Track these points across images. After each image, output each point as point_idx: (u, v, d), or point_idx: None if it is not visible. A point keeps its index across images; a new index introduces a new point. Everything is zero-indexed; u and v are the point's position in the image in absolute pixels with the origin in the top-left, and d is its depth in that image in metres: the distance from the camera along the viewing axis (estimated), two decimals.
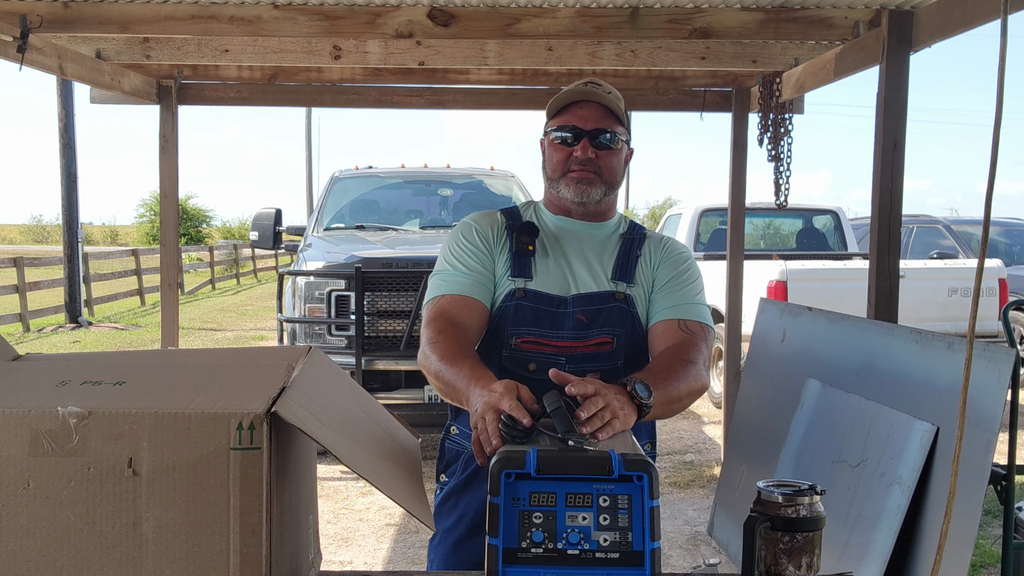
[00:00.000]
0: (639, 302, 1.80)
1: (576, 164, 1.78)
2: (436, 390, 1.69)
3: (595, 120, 1.77)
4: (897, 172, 3.35)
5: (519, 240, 1.80)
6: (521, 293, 1.76)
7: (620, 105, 1.80)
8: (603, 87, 1.80)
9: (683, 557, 4.12)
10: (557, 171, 1.81)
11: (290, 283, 5.88)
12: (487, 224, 1.86)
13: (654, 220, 28.21)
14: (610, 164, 1.80)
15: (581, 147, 1.77)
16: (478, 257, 1.80)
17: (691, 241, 8.55)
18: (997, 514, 3.78)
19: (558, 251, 1.82)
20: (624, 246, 1.85)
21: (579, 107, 1.78)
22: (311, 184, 26.67)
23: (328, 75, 4.93)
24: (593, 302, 1.76)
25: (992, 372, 1.30)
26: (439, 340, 1.67)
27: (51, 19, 3.48)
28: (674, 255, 1.87)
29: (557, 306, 1.76)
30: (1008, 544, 1.47)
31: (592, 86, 1.79)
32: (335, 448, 1.15)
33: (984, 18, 2.90)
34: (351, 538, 4.45)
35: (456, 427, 1.85)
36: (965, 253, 9.42)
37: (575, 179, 1.79)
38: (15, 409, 1.09)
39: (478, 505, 1.75)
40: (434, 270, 1.85)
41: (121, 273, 17.54)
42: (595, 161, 1.78)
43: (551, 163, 1.83)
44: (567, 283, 1.78)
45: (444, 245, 1.88)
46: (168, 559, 1.08)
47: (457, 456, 1.84)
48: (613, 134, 1.78)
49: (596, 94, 1.77)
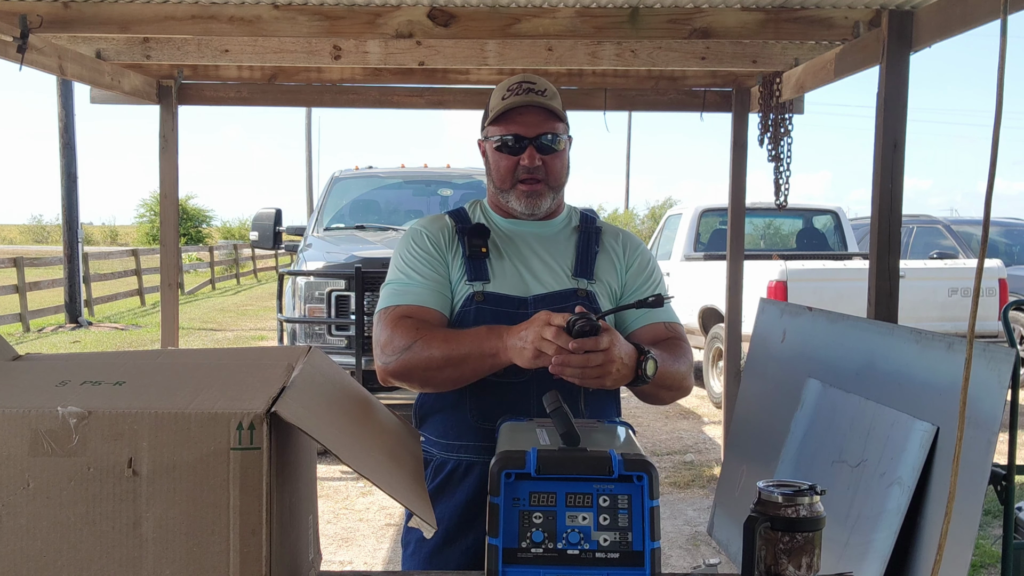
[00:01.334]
0: (601, 297, 1.79)
1: (524, 173, 1.77)
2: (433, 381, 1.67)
3: (537, 124, 1.76)
4: (897, 172, 3.35)
5: (471, 243, 1.78)
6: (480, 297, 1.74)
7: (560, 103, 1.79)
8: (538, 85, 1.78)
9: (683, 557, 4.12)
10: (506, 182, 1.80)
11: (290, 283, 5.88)
12: (437, 229, 1.83)
13: (654, 220, 28.19)
14: (555, 167, 1.79)
15: (528, 155, 1.76)
16: (432, 264, 1.78)
17: (691, 241, 8.55)
18: (997, 514, 3.78)
19: (513, 252, 1.81)
20: (581, 242, 1.84)
21: (519, 111, 1.76)
22: (311, 184, 26.72)
23: (328, 75, 4.93)
24: (555, 301, 1.75)
25: (992, 372, 1.30)
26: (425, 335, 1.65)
27: (51, 19, 3.48)
28: (639, 254, 1.88)
29: (517, 307, 1.74)
30: (1008, 544, 1.47)
31: (528, 89, 1.77)
32: (336, 447, 1.15)
33: (984, 18, 2.91)
34: (351, 538, 4.45)
35: (422, 434, 1.82)
36: (965, 253, 9.42)
37: (524, 192, 1.78)
38: (15, 409, 1.09)
39: (451, 512, 1.74)
40: (386, 279, 1.81)
41: (121, 273, 17.55)
42: (541, 168, 1.77)
43: (498, 172, 1.81)
44: (526, 284, 1.77)
45: (395, 252, 1.84)
46: (168, 559, 1.08)
47: (426, 463, 1.79)
48: (555, 135, 1.77)
49: (537, 100, 1.75)
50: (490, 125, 1.80)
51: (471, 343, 1.61)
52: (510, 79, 1.82)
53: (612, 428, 1.48)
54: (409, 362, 1.65)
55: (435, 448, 1.79)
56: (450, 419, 1.77)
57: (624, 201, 35.41)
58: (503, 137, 1.78)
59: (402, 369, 1.66)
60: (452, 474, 1.76)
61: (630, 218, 31.14)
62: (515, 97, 1.76)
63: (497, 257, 1.79)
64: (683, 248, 8.50)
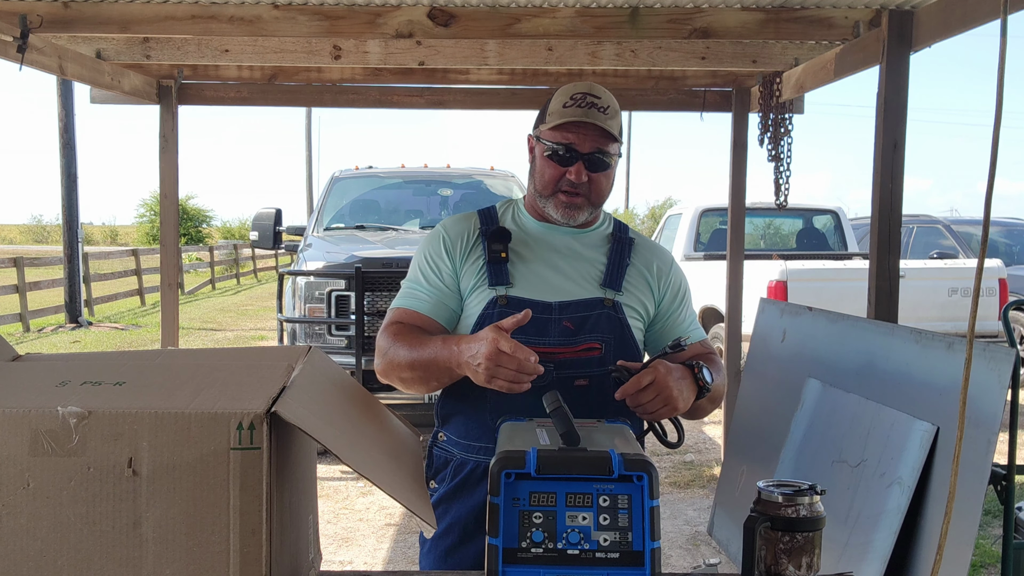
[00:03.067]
0: (629, 308, 1.78)
1: (568, 186, 1.74)
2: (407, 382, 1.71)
3: (592, 140, 1.71)
4: (897, 172, 3.35)
5: (490, 248, 1.77)
6: (504, 300, 1.73)
7: (619, 123, 1.75)
8: (602, 102, 1.71)
9: (683, 557, 4.12)
10: (548, 188, 1.77)
11: (290, 283, 5.88)
12: (457, 233, 1.82)
13: (654, 220, 28.19)
14: (601, 187, 1.77)
15: (576, 170, 1.72)
16: (441, 273, 1.79)
17: (691, 241, 8.55)
18: (997, 514, 3.78)
19: (539, 256, 1.79)
20: (614, 252, 1.82)
21: (577, 124, 1.71)
22: (311, 184, 26.73)
23: (328, 75, 4.93)
24: (580, 309, 1.74)
25: (992, 372, 1.30)
26: (399, 339, 1.71)
27: (51, 19, 3.48)
28: (673, 275, 1.88)
29: (542, 312, 1.72)
30: (1008, 544, 1.47)
31: (592, 104, 1.71)
32: (336, 447, 1.15)
33: (984, 18, 2.91)
34: (351, 538, 4.45)
35: (444, 433, 1.83)
36: (965, 253, 9.42)
37: (564, 203, 1.76)
38: (15, 409, 1.09)
39: (468, 511, 1.74)
40: (408, 274, 1.86)
41: (121, 273, 17.54)
42: (587, 184, 1.74)
43: (541, 178, 1.78)
44: (551, 289, 1.75)
45: (418, 248, 1.87)
46: (168, 559, 1.08)
47: (446, 463, 1.81)
48: (607, 154, 1.74)
49: (596, 119, 1.70)
50: (544, 128, 1.76)
51: (432, 351, 1.65)
52: (576, 86, 1.75)
53: (612, 428, 1.48)
54: (387, 365, 1.73)
55: (456, 448, 1.80)
56: (471, 420, 1.77)
57: (624, 201, 35.40)
58: (555, 145, 1.73)
59: (383, 371, 1.75)
60: (471, 474, 1.77)
61: (630, 218, 31.12)
62: (577, 109, 1.70)
63: (520, 261, 1.78)
64: (683, 248, 8.50)
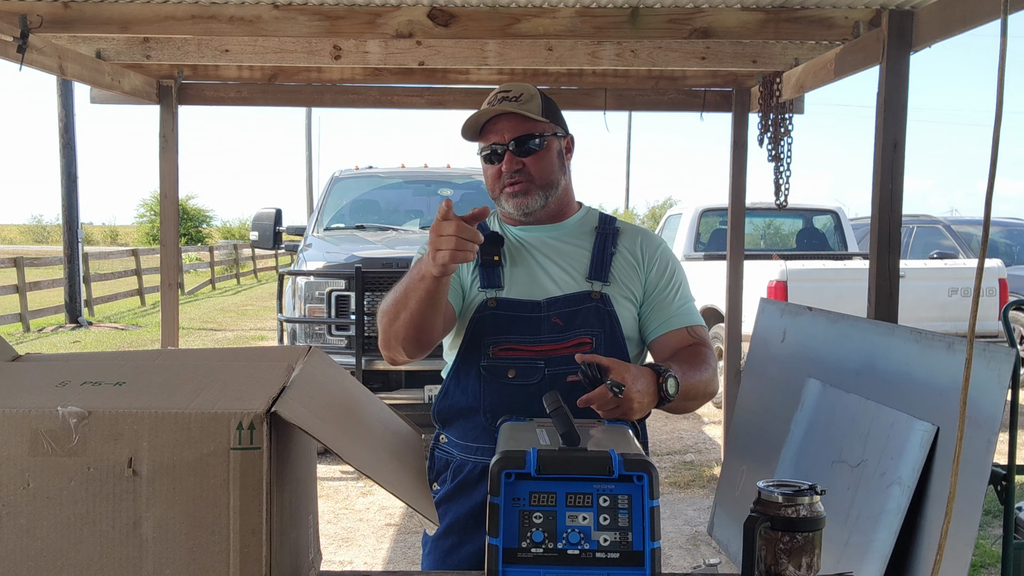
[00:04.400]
0: (617, 300, 1.79)
1: (507, 178, 1.80)
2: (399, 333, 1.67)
3: (512, 130, 1.78)
4: (897, 172, 3.35)
5: (483, 251, 1.79)
6: (493, 303, 1.77)
7: (537, 105, 1.80)
8: (512, 92, 1.80)
9: (683, 557, 4.12)
10: (495, 189, 1.84)
11: (290, 283, 5.88)
12: None
13: (654, 220, 28.20)
14: (540, 167, 1.80)
15: (506, 161, 1.79)
16: None
17: (691, 241, 8.55)
18: (997, 514, 3.78)
19: (526, 258, 1.83)
20: (598, 243, 1.84)
21: (494, 121, 1.80)
22: (311, 184, 26.73)
23: (328, 75, 4.93)
24: (568, 304, 1.76)
25: (992, 372, 1.30)
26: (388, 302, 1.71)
27: (51, 19, 3.48)
28: (659, 255, 1.87)
29: (531, 311, 1.76)
30: (1008, 544, 1.47)
31: (503, 98, 1.79)
32: (337, 447, 1.15)
33: (984, 18, 2.90)
34: (351, 538, 4.45)
35: (445, 435, 1.86)
36: (965, 253, 9.42)
37: (510, 193, 1.81)
38: (15, 409, 1.09)
39: (468, 512, 1.77)
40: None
41: (121, 273, 17.54)
42: (525, 169, 1.79)
43: (488, 182, 1.86)
44: (539, 287, 1.78)
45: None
46: (168, 559, 1.08)
47: (447, 464, 1.84)
48: (532, 136, 1.78)
49: (507, 108, 1.77)
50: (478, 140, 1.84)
51: (405, 279, 1.66)
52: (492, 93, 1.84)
53: (612, 428, 1.48)
54: (383, 330, 1.72)
55: (455, 450, 1.83)
56: (468, 422, 1.80)
57: (624, 201, 35.40)
58: (482, 148, 1.83)
59: (384, 341, 1.74)
60: (469, 476, 1.79)
61: (630, 218, 31.13)
62: (487, 108, 1.80)
63: (511, 264, 1.82)
64: (683, 248, 8.50)
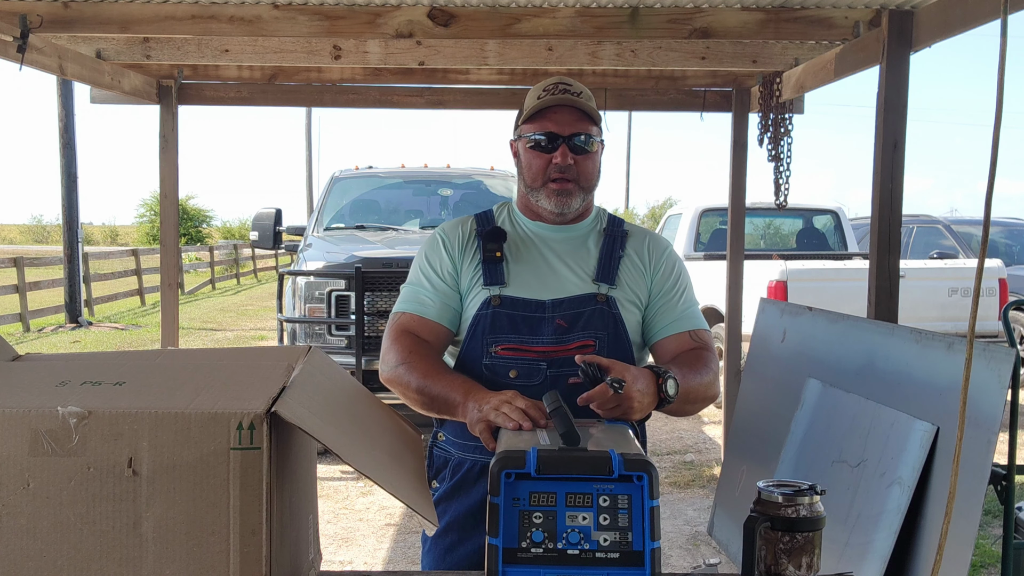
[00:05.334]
0: (622, 303, 1.78)
1: (556, 172, 1.77)
2: (410, 402, 1.73)
3: (571, 124, 1.76)
4: (897, 172, 3.35)
5: (485, 247, 1.79)
6: (497, 300, 1.75)
7: (593, 105, 1.79)
8: (574, 87, 1.78)
9: (683, 557, 4.12)
10: (537, 180, 1.80)
11: (290, 283, 5.88)
12: (455, 235, 1.85)
13: (654, 220, 28.21)
14: (587, 169, 1.79)
15: (560, 153, 1.75)
16: (443, 273, 1.81)
17: (691, 241, 8.55)
18: (997, 514, 3.78)
19: (533, 255, 1.81)
20: (606, 246, 1.84)
21: (553, 111, 1.77)
22: (311, 184, 26.70)
23: (328, 75, 4.93)
24: (573, 306, 1.75)
25: (992, 372, 1.30)
26: (414, 360, 1.71)
27: (51, 19, 3.48)
28: (665, 259, 1.86)
29: (535, 311, 1.74)
30: (1008, 544, 1.47)
31: (564, 90, 1.77)
32: (336, 446, 1.15)
33: (984, 18, 2.90)
34: (351, 538, 4.45)
35: (443, 434, 1.85)
36: (965, 253, 9.42)
37: (555, 191, 1.78)
38: (15, 409, 1.09)
39: (467, 511, 1.76)
40: (408, 278, 1.87)
41: (121, 273, 17.54)
42: (573, 167, 1.77)
43: (529, 171, 1.81)
44: (544, 287, 1.77)
45: (418, 252, 1.88)
46: (168, 559, 1.08)
47: (445, 463, 1.84)
48: (589, 136, 1.77)
49: (571, 100, 1.76)
50: (524, 124, 1.81)
51: (442, 387, 1.67)
52: (546, 80, 1.82)
53: (612, 428, 1.48)
54: (394, 380, 1.74)
55: (454, 448, 1.82)
56: None
57: (624, 201, 35.38)
58: (536, 136, 1.77)
59: (389, 383, 1.76)
60: (468, 474, 1.79)
61: (630, 218, 31.13)
62: (550, 96, 1.76)
63: (515, 260, 1.80)
64: (683, 248, 8.49)
